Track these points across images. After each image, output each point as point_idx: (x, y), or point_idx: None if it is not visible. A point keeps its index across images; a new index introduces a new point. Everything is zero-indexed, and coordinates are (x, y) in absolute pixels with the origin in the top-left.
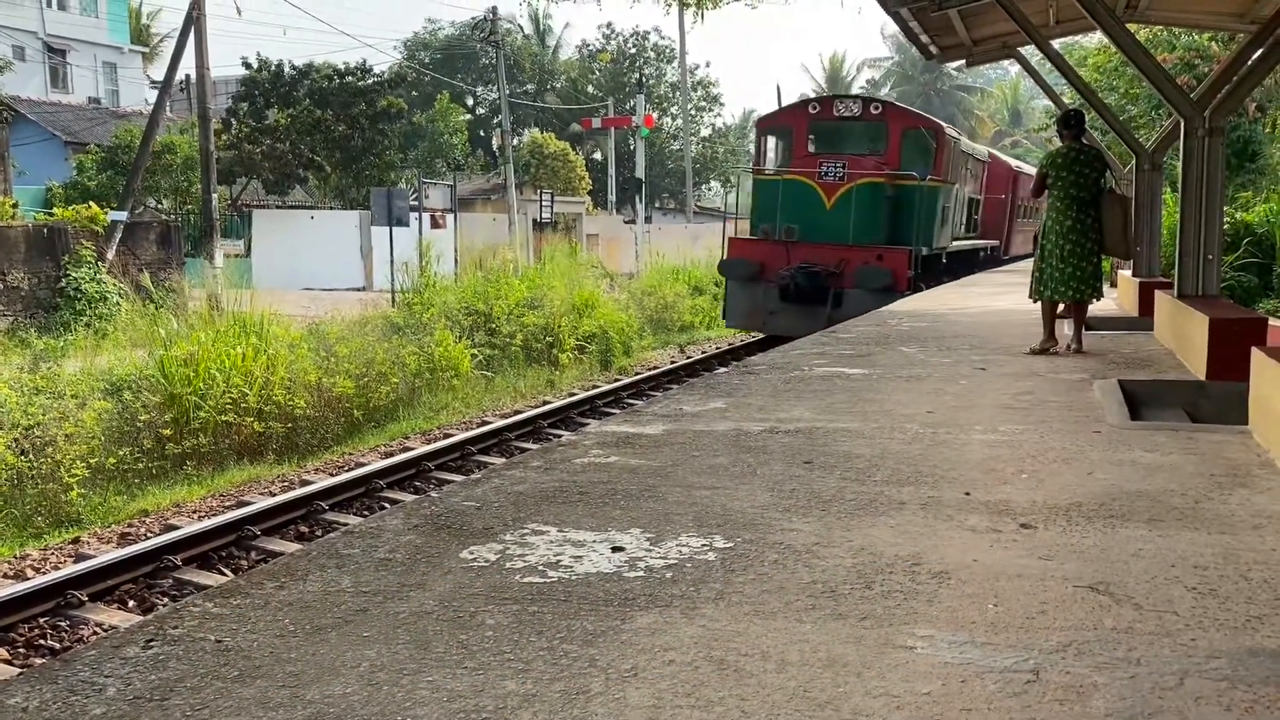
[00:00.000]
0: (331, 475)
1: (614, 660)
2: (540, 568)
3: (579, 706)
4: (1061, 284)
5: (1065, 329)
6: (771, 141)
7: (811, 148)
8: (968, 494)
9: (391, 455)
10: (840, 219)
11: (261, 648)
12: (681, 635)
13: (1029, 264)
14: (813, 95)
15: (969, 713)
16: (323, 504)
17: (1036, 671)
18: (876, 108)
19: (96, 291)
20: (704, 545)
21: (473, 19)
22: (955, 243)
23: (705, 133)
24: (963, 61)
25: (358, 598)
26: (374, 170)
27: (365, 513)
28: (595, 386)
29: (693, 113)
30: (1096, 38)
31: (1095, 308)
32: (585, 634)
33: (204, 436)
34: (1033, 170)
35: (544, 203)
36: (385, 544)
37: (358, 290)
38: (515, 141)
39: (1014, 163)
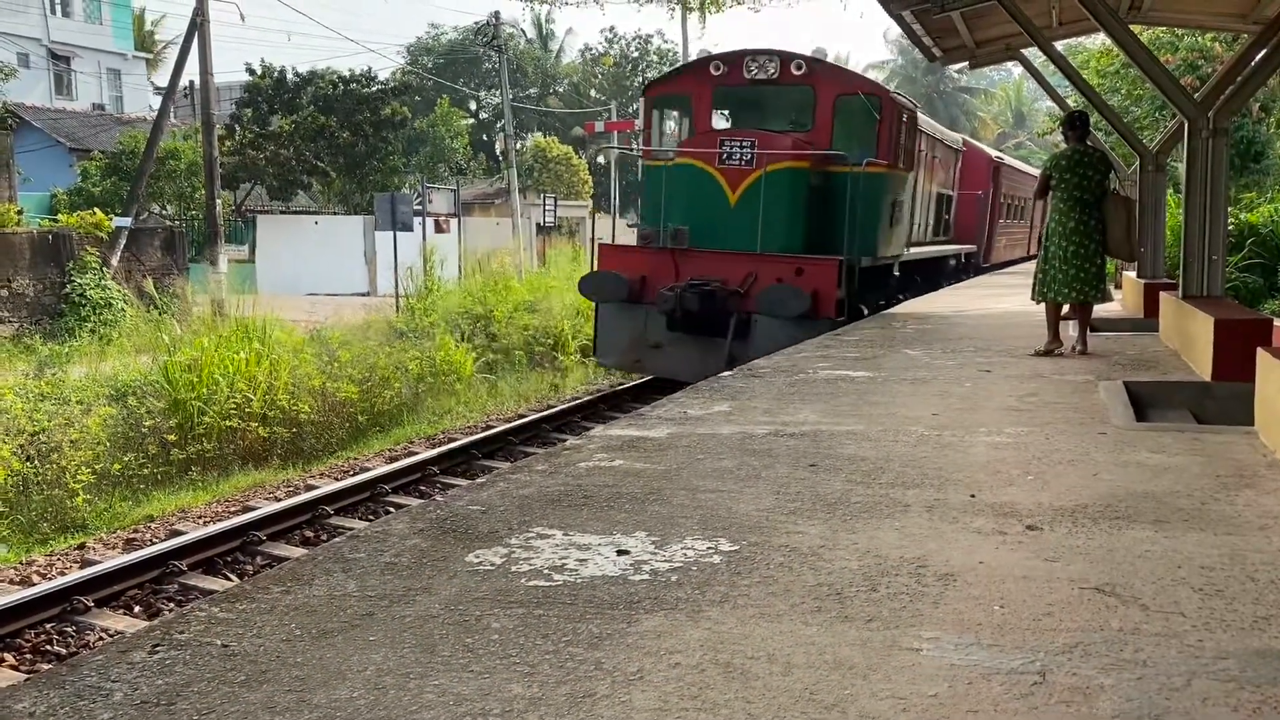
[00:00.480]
0: (336, 480)
1: (620, 663)
2: (545, 571)
3: (585, 709)
4: (1065, 286)
5: (1070, 330)
6: (666, 115)
7: (717, 122)
8: (973, 496)
9: (396, 460)
10: (747, 218)
11: (267, 652)
12: (687, 638)
13: (1023, 268)
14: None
15: (975, 714)
16: (328, 509)
17: (1043, 673)
18: (800, 67)
19: (101, 297)
20: (709, 548)
21: (475, 24)
22: (914, 249)
23: None
24: (965, 64)
25: (363, 602)
26: (377, 175)
27: (370, 517)
28: (599, 390)
29: None
30: (1099, 39)
31: (1099, 309)
32: (591, 637)
33: (208, 442)
34: (1016, 163)
35: (547, 207)
36: (390, 548)
37: (362, 295)
38: (518, 146)
39: (994, 153)
